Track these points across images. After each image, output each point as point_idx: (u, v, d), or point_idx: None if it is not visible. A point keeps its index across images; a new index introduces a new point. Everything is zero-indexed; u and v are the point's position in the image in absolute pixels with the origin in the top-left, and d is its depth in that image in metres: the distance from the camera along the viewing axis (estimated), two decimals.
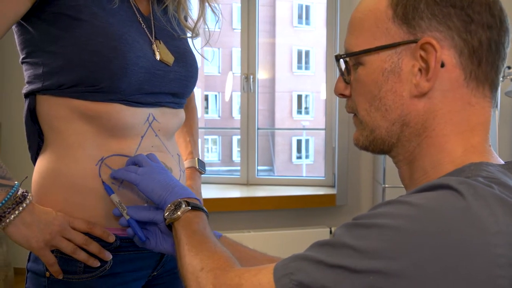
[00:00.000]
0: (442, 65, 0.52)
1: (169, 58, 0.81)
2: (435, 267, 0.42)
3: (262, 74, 2.62)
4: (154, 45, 0.80)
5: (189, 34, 0.90)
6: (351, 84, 0.59)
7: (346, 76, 0.60)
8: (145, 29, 0.81)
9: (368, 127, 0.58)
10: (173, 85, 0.82)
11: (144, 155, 0.77)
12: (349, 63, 0.59)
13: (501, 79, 1.89)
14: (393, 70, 0.54)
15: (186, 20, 0.91)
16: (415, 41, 0.52)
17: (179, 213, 0.67)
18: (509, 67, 2.02)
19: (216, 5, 0.89)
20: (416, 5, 0.52)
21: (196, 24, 0.89)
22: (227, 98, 11.68)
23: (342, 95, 0.61)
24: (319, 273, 0.48)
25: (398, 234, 0.45)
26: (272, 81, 12.46)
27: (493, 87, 0.55)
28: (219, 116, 12.25)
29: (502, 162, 0.56)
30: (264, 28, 10.59)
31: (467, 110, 0.53)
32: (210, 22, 0.93)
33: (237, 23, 3.03)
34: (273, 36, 12.32)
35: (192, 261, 0.59)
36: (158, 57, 0.79)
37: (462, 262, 0.42)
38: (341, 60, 0.60)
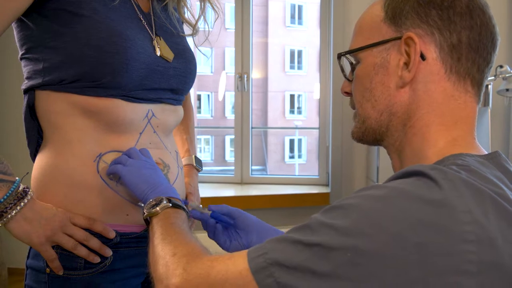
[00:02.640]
0: (424, 58, 0.57)
1: (169, 54, 0.82)
2: (409, 244, 0.44)
3: (255, 74, 2.62)
4: (155, 41, 0.80)
5: (189, 32, 0.91)
6: (352, 82, 0.65)
7: (349, 75, 0.66)
8: (146, 25, 0.81)
9: (360, 118, 0.63)
10: (173, 81, 0.83)
11: (137, 149, 0.76)
12: (353, 63, 0.65)
13: (493, 77, 1.91)
14: (383, 64, 0.60)
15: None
16: (400, 38, 0.58)
17: (158, 208, 0.67)
18: (501, 66, 2.05)
19: (217, 3, 0.90)
20: (402, 7, 0.58)
21: (197, 21, 0.90)
22: (220, 98, 11.67)
23: (346, 93, 0.67)
24: (296, 251, 0.48)
25: (375, 212, 0.47)
26: (264, 80, 12.48)
27: (475, 83, 0.59)
28: (211, 116, 12.23)
29: (483, 150, 0.60)
30: (257, 28, 10.61)
31: (451, 103, 0.58)
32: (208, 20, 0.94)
33: (230, 23, 3.04)
34: (266, 35, 12.33)
35: (164, 248, 0.58)
36: (158, 53, 0.80)
37: (434, 238, 0.44)
38: (344, 59, 0.66)
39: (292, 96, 13.02)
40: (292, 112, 13.05)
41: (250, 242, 0.78)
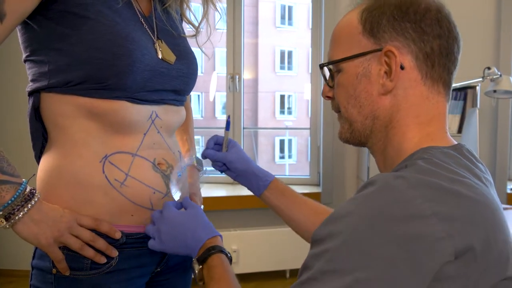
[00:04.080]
0: (402, 68, 0.64)
1: (171, 57, 0.83)
2: (399, 261, 0.50)
3: (245, 74, 2.63)
4: (156, 44, 0.82)
5: (191, 33, 0.93)
6: (334, 88, 0.71)
7: (329, 81, 0.72)
8: (147, 29, 0.82)
9: (347, 121, 0.70)
10: (176, 82, 0.85)
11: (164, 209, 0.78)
12: (332, 70, 0.71)
13: (481, 79, 1.97)
14: (365, 73, 0.66)
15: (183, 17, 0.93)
16: (380, 50, 0.64)
17: (197, 277, 0.72)
18: (489, 68, 2.10)
19: (220, 4, 0.92)
20: (379, 21, 0.64)
21: (200, 23, 0.92)
22: (211, 98, 11.64)
23: (327, 97, 0.74)
24: None
25: (363, 245, 0.51)
26: (255, 81, 12.49)
27: (446, 85, 0.66)
28: (202, 116, 12.22)
29: (454, 141, 0.67)
30: (247, 29, 10.61)
31: (426, 104, 0.65)
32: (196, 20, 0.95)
33: (220, 23, 3.04)
34: (256, 36, 12.35)
35: None
36: (160, 56, 0.81)
37: (416, 248, 0.51)
38: (325, 68, 0.72)
39: (282, 97, 13.05)
40: (282, 112, 13.08)
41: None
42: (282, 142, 12.81)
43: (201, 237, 0.74)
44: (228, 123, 0.91)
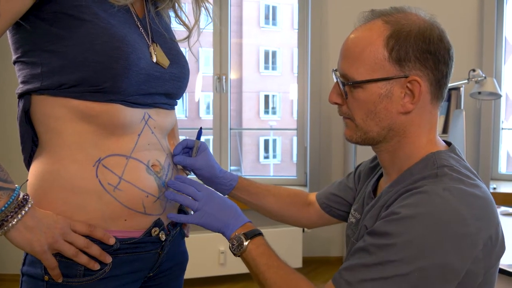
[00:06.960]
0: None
1: (165, 61, 0.82)
2: (449, 254, 0.65)
3: (230, 75, 2.65)
4: (151, 48, 0.81)
5: (183, 36, 0.92)
6: (348, 99, 0.79)
7: (343, 93, 0.79)
8: (143, 32, 0.81)
9: (362, 130, 0.79)
10: (168, 85, 0.84)
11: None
12: (343, 82, 0.78)
13: (466, 81, 2.02)
14: (387, 94, 0.75)
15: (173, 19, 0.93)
16: (405, 76, 0.74)
17: (242, 249, 0.80)
18: (474, 70, 2.13)
19: (209, 5, 0.92)
20: (406, 51, 0.73)
21: (193, 26, 0.91)
22: (197, 99, 11.59)
23: (335, 103, 0.81)
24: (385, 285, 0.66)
25: (421, 241, 0.66)
26: (239, 81, 12.48)
27: (443, 98, 0.79)
28: (186, 117, 12.15)
29: (442, 141, 0.82)
30: (231, 29, 10.62)
31: (430, 117, 0.78)
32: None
33: (205, 23, 3.03)
34: (240, 36, 12.33)
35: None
36: (154, 60, 0.80)
37: (462, 242, 0.66)
38: (336, 75, 0.80)
39: (266, 97, 13.06)
40: (266, 112, 13.09)
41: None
42: (266, 142, 12.82)
43: (243, 218, 0.84)
44: (199, 133, 0.94)
